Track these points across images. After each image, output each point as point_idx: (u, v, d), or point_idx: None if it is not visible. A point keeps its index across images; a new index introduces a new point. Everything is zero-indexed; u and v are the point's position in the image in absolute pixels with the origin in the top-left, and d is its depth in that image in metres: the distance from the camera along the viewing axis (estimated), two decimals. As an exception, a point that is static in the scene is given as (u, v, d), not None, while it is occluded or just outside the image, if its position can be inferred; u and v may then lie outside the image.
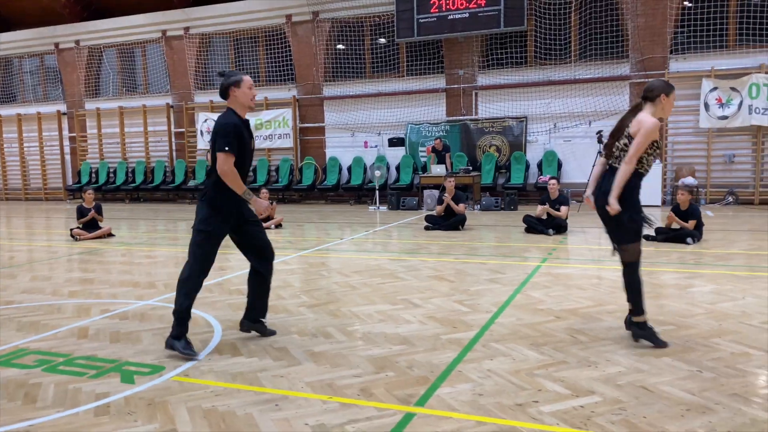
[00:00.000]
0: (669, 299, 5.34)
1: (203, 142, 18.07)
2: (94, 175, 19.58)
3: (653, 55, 14.11)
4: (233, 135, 3.96)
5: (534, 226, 9.74)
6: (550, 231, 9.55)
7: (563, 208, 9.72)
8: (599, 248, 8.29)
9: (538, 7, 14.82)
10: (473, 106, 15.78)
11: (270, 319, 4.65)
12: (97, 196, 19.36)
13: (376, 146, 16.70)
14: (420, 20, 15.41)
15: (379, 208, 14.59)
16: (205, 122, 18.08)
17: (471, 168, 14.49)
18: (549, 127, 15.18)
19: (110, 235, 10.55)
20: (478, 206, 13.83)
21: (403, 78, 16.37)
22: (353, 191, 16.47)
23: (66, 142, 20.56)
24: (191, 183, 18.02)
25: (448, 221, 10.46)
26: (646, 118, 4.03)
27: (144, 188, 18.72)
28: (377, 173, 14.55)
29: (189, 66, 18.42)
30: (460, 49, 15.70)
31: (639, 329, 4.15)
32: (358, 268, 7.07)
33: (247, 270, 4.46)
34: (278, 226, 11.31)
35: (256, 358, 3.99)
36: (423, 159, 15.90)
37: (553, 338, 4.29)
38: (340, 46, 16.98)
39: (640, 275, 4.16)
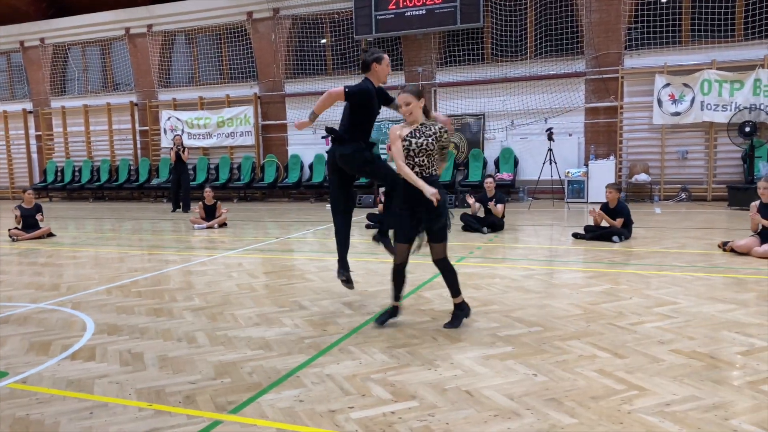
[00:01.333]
0: (555, 299, 5.35)
1: (166, 140, 18.01)
2: (59, 173, 19.51)
3: (608, 51, 14.12)
4: (366, 95, 4.89)
5: (470, 224, 9.75)
6: (485, 229, 9.55)
7: (498, 206, 9.72)
8: (525, 247, 8.30)
9: (495, 3, 14.80)
10: (432, 103, 15.75)
11: (149, 323, 4.64)
12: (63, 194, 19.58)
13: (337, 144, 16.65)
14: (378, 17, 15.37)
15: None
16: (168, 120, 18.02)
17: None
18: (506, 124, 15.18)
19: (50, 235, 10.52)
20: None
21: (360, 74, 16.28)
22: (314, 189, 16.44)
23: (32, 141, 20.48)
24: (154, 181, 17.98)
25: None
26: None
27: (108, 187, 18.66)
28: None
29: (152, 64, 18.34)
30: (419, 47, 15.68)
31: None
32: (272, 269, 7.07)
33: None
34: (222, 225, 11.29)
35: (105, 364, 3.98)
36: (384, 156, 15.87)
37: (414, 340, 4.29)
38: (324, 41, 16.92)
39: (403, 273, 4.60)
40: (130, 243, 9.89)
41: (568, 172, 14.08)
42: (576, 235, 8.80)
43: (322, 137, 12.21)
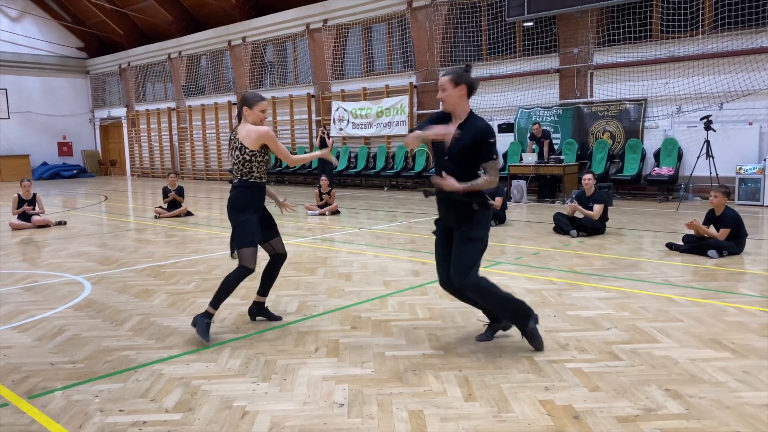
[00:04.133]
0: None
1: (335, 130, 19.03)
2: (252, 158, 21.79)
3: (807, 19, 11.37)
4: None
5: (561, 225, 8.73)
6: (573, 232, 8.47)
7: (596, 207, 8.52)
8: (592, 256, 7.18)
9: (663, -29, 12.82)
10: (588, 87, 14.28)
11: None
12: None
13: (487, 133, 16.01)
14: (530, -3, 14.31)
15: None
16: (337, 110, 19.01)
17: (563, 157, 13.21)
18: (671, 110, 13.12)
19: (189, 213, 11.86)
20: (570, 199, 12.56)
21: (516, 60, 15.40)
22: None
23: (235, 129, 23.14)
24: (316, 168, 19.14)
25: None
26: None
27: (286, 172, 20.36)
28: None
29: (326, 57, 19.47)
30: (575, 26, 14.28)
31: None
32: (307, 261, 7.14)
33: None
34: (335, 212, 11.64)
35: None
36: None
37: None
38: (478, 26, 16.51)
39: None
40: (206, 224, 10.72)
41: (740, 167, 11.72)
42: (671, 246, 7.37)
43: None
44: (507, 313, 4.01)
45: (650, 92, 13.31)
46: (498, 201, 9.71)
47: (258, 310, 4.78)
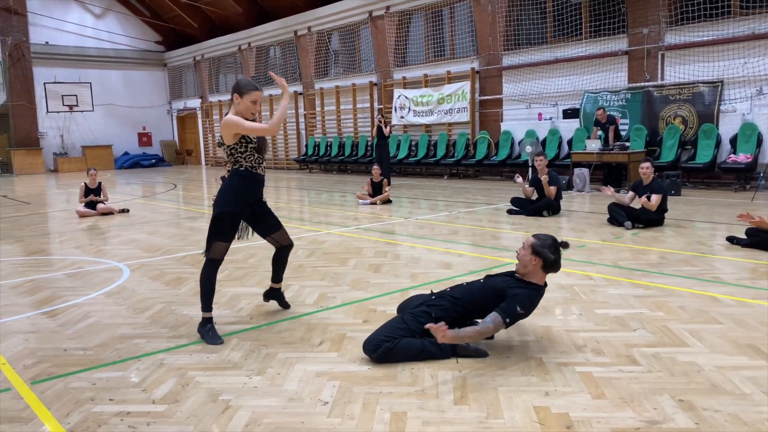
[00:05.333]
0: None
1: (396, 118, 18.90)
2: (316, 148, 22.04)
3: None
4: None
5: (615, 216, 8.25)
6: (627, 223, 7.98)
7: (654, 197, 8.00)
8: (643, 249, 6.73)
9: (742, -59, 11.84)
10: (658, 70, 13.45)
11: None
12: (319, 167, 22.03)
13: (550, 118, 15.45)
14: (596, -25, 13.62)
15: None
16: (398, 98, 18.85)
17: (628, 144, 12.50)
18: (751, 92, 12.15)
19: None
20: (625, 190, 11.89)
21: (582, 41, 14.70)
22: (519, 167, 15.54)
23: (301, 119, 23.47)
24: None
25: (533, 205, 9.49)
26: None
27: (348, 161, 20.42)
28: (528, 149, 13.55)
29: (388, 44, 19.31)
30: (645, 4, 13.45)
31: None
32: (341, 251, 7.08)
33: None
34: (386, 202, 11.54)
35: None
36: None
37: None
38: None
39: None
40: (290, 212, 10.81)
41: (827, 154, 10.72)
42: (732, 240, 6.81)
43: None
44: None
45: (727, 73, 12.37)
46: (552, 190, 9.32)
47: (271, 294, 4.77)
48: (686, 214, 9.10)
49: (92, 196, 11.30)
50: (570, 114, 14.94)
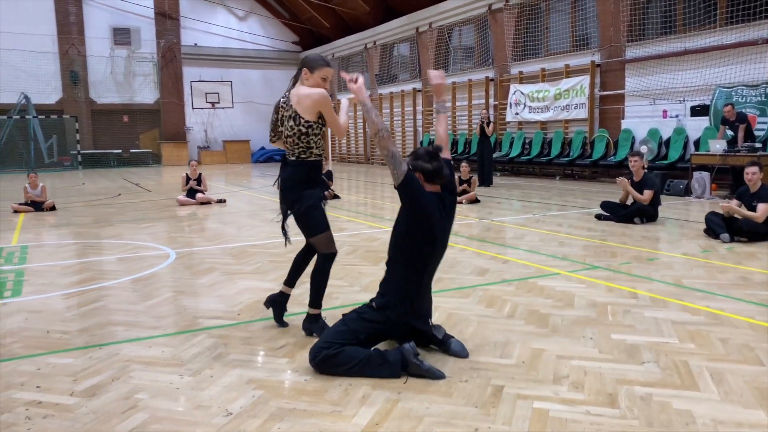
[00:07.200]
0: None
1: (510, 114, 18.09)
2: (431, 145, 21.68)
3: None
4: None
5: (712, 227, 7.13)
6: (725, 236, 6.85)
7: (761, 207, 6.80)
8: (740, 269, 5.69)
9: None
10: (805, 59, 11.55)
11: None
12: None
13: (676, 116, 13.86)
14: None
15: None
16: (514, 94, 18.00)
17: (759, 145, 10.81)
18: None
19: (335, 196, 12.13)
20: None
21: (715, 30, 13.01)
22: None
23: (419, 117, 23.28)
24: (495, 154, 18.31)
25: (624, 211, 8.50)
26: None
27: (458, 158, 19.84)
28: (643, 149, 12.26)
29: (507, 37, 18.50)
30: (794, -17, 11.60)
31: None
32: (384, 250, 6.77)
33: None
34: (472, 201, 10.97)
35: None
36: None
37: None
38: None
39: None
40: (337, 207, 10.62)
41: None
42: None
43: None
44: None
45: None
46: (647, 195, 8.29)
47: (275, 303, 4.13)
48: (812, 227, 7.65)
49: (192, 183, 11.90)
50: (699, 111, 13.30)
